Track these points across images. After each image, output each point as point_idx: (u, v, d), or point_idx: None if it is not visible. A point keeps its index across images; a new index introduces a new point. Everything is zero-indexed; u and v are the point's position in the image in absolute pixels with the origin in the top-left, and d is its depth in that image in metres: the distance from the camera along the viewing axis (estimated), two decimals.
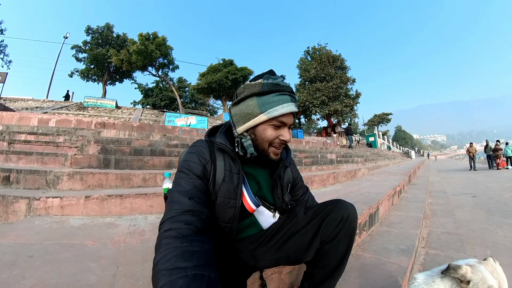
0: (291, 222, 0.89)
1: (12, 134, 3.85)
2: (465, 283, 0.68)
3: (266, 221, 0.93)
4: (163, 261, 0.52)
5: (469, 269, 0.68)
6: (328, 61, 25.32)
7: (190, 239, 0.58)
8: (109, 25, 24.87)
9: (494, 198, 4.30)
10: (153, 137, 5.66)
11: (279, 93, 0.77)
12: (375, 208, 2.33)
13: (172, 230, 0.60)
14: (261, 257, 0.88)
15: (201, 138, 0.94)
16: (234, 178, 0.82)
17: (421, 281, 0.75)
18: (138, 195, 1.97)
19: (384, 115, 45.04)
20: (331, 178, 4.24)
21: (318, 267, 0.88)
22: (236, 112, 0.81)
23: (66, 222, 1.64)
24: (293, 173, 1.01)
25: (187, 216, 0.64)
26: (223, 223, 0.81)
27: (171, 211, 0.66)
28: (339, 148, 13.60)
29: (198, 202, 0.70)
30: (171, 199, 0.70)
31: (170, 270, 0.50)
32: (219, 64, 24.30)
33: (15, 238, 1.35)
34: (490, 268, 0.70)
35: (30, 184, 2.14)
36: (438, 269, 0.75)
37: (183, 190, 0.72)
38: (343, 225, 0.82)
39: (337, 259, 0.85)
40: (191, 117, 16.41)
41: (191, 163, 0.79)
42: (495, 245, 2.09)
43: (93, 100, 18.70)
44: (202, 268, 0.52)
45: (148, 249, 1.27)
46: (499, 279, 0.68)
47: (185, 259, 0.52)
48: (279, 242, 0.88)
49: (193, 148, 0.84)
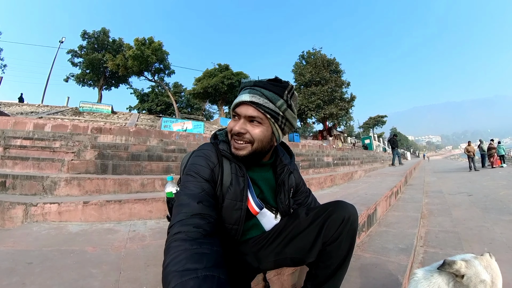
0: (293, 224, 0.90)
1: (8, 139, 3.79)
2: (460, 277, 0.70)
3: (269, 223, 0.94)
4: (174, 263, 0.53)
5: (463, 264, 0.70)
6: (323, 65, 25.65)
7: (199, 241, 0.59)
8: (105, 30, 24.82)
9: (489, 196, 4.37)
10: (150, 142, 5.63)
11: (244, 89, 0.83)
12: (373, 209, 2.36)
13: (182, 233, 0.61)
14: (264, 258, 0.89)
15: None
16: (240, 181, 0.84)
17: (420, 276, 0.77)
18: (137, 200, 1.96)
19: (379, 118, 45.56)
20: (328, 181, 4.26)
21: (320, 267, 0.88)
22: None
23: (64, 228, 1.62)
24: (296, 178, 1.02)
25: (196, 219, 0.65)
26: (229, 225, 0.83)
27: (180, 214, 0.66)
28: (335, 151, 13.69)
29: (206, 205, 0.71)
30: (180, 202, 0.71)
31: (180, 272, 0.51)
32: (215, 69, 24.37)
33: (12, 244, 1.33)
34: (484, 263, 0.72)
35: (27, 190, 2.11)
36: (436, 264, 0.77)
37: (191, 193, 0.73)
38: (345, 226, 0.84)
39: (339, 260, 0.86)
40: (188, 122, 16.39)
41: (199, 166, 0.80)
42: (492, 241, 2.13)
43: (88, 105, 18.55)
44: (212, 270, 0.53)
45: (149, 254, 1.26)
46: (493, 274, 0.70)
47: (195, 261, 0.53)
48: (281, 244, 0.89)
49: (200, 152, 0.85)
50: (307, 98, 24.52)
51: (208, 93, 23.83)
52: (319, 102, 24.15)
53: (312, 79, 25.21)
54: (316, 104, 24.20)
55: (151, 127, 15.22)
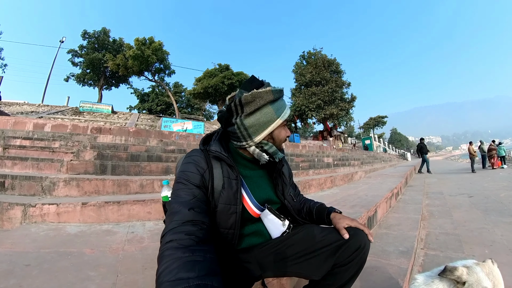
0: (308, 241, 0.88)
1: (7, 139, 3.79)
2: (461, 284, 0.69)
3: (276, 229, 0.92)
4: (166, 272, 0.52)
5: (465, 271, 0.69)
6: (324, 65, 25.65)
7: (191, 249, 0.58)
8: (106, 29, 24.85)
9: (490, 197, 4.35)
10: (150, 142, 5.62)
11: (282, 98, 0.87)
12: (373, 211, 2.34)
13: (174, 242, 0.60)
14: (269, 268, 0.87)
15: (195, 148, 0.95)
16: (232, 184, 0.83)
17: (421, 281, 0.76)
18: (136, 201, 1.95)
19: (380, 118, 45.52)
20: (328, 182, 4.25)
21: (321, 285, 0.87)
22: (253, 123, 0.82)
23: (63, 230, 1.62)
24: (288, 169, 1.07)
25: (188, 227, 0.64)
26: (225, 229, 0.81)
27: (172, 223, 0.66)
28: (335, 152, 13.68)
29: (198, 212, 0.70)
30: (171, 210, 0.70)
31: (172, 282, 0.50)
32: (215, 69, 24.37)
33: (10, 246, 1.33)
34: (486, 270, 0.71)
35: (26, 191, 2.11)
36: (437, 270, 0.76)
37: (182, 201, 0.72)
38: (358, 254, 0.83)
39: (342, 282, 0.84)
40: (188, 122, 16.39)
41: (189, 173, 0.79)
42: (493, 244, 2.11)
43: (89, 105, 18.58)
44: (204, 278, 0.52)
45: (147, 256, 1.25)
46: (494, 281, 0.69)
47: (187, 269, 0.52)
48: (291, 258, 0.87)
49: (189, 158, 0.85)
50: (308, 99, 24.51)
51: (208, 93, 23.83)
52: (319, 103, 24.15)
53: (313, 79, 25.20)
54: (317, 105, 24.19)
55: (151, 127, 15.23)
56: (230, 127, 0.86)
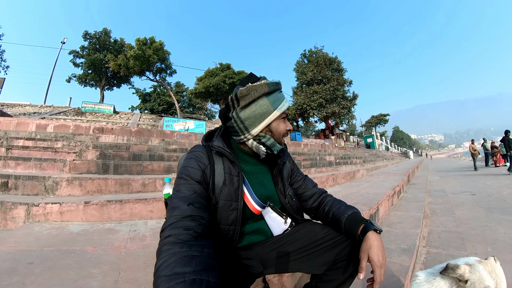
0: (310, 237, 0.88)
1: (10, 140, 3.83)
2: (463, 282, 0.68)
3: (278, 227, 0.92)
4: (163, 267, 0.53)
5: (467, 269, 0.68)
6: (325, 64, 25.54)
7: (189, 244, 0.59)
8: (107, 30, 24.92)
9: (493, 195, 4.32)
10: (152, 142, 5.65)
11: (279, 90, 0.86)
12: (375, 209, 2.34)
13: (172, 236, 0.60)
14: (271, 264, 0.87)
15: (198, 144, 0.94)
16: (234, 180, 0.83)
17: (422, 278, 0.75)
18: (138, 200, 1.96)
19: (382, 116, 45.29)
20: (330, 180, 4.24)
21: (323, 281, 0.86)
22: (248, 115, 0.81)
23: (65, 228, 1.63)
24: (290, 164, 1.04)
25: (187, 222, 0.65)
26: (226, 226, 0.81)
27: (171, 218, 0.66)
28: (337, 150, 13.64)
29: (197, 207, 0.70)
30: (171, 205, 0.71)
31: (169, 276, 0.50)
32: (216, 68, 24.36)
33: (14, 244, 1.34)
34: (489, 268, 0.70)
35: (29, 190, 2.13)
36: (439, 267, 0.75)
37: (182, 196, 0.72)
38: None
39: (344, 277, 0.84)
40: (189, 121, 16.41)
41: (190, 168, 0.79)
42: (496, 242, 2.10)
43: (91, 105, 18.68)
44: (200, 273, 0.52)
45: (149, 254, 1.26)
46: (497, 280, 0.68)
47: (183, 264, 0.53)
48: (294, 254, 0.87)
49: (191, 154, 0.85)
50: (309, 97, 24.44)
51: (210, 93, 23.83)
52: (321, 101, 24.07)
53: (314, 77, 25.13)
54: (318, 103, 24.13)
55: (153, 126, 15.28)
56: (228, 122, 0.86)
